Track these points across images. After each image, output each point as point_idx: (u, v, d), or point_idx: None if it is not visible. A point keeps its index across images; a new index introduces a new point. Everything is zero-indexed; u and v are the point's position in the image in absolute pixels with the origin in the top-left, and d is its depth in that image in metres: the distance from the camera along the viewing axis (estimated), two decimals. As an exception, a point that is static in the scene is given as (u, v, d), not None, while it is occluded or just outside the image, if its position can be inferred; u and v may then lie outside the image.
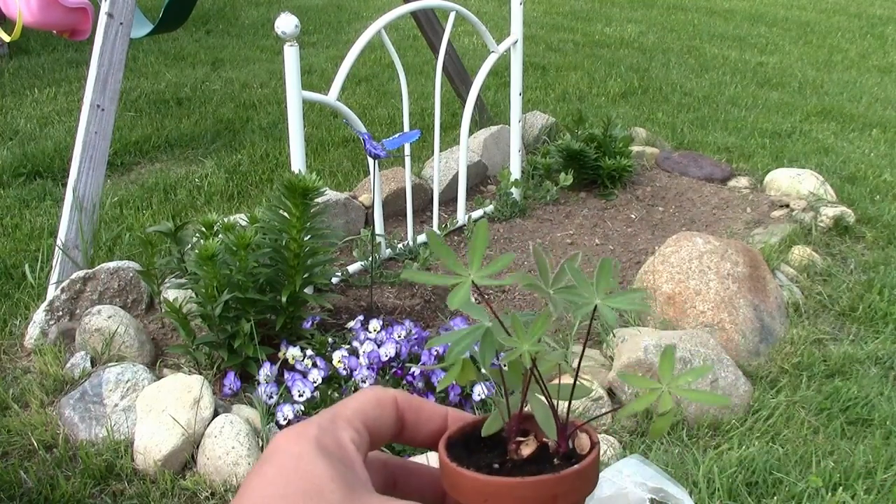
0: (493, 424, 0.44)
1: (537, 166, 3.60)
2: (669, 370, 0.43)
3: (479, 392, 2.13)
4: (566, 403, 0.44)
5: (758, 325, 2.50)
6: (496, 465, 0.42)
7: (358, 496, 0.37)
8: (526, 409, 0.44)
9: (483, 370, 0.44)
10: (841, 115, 4.80)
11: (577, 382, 0.45)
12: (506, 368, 0.45)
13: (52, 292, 2.52)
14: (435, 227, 3.09)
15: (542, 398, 0.44)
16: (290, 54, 2.32)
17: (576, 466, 0.41)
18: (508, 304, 2.73)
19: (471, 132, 3.34)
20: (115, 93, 2.75)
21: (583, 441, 0.43)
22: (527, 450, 0.43)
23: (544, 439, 0.43)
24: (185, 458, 1.99)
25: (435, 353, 2.26)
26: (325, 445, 0.39)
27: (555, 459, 0.42)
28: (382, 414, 0.44)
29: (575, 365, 0.46)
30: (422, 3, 3.01)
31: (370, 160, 2.57)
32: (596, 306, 0.43)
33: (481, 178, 3.64)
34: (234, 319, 2.18)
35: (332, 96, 2.50)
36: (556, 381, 0.44)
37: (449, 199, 3.29)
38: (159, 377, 2.18)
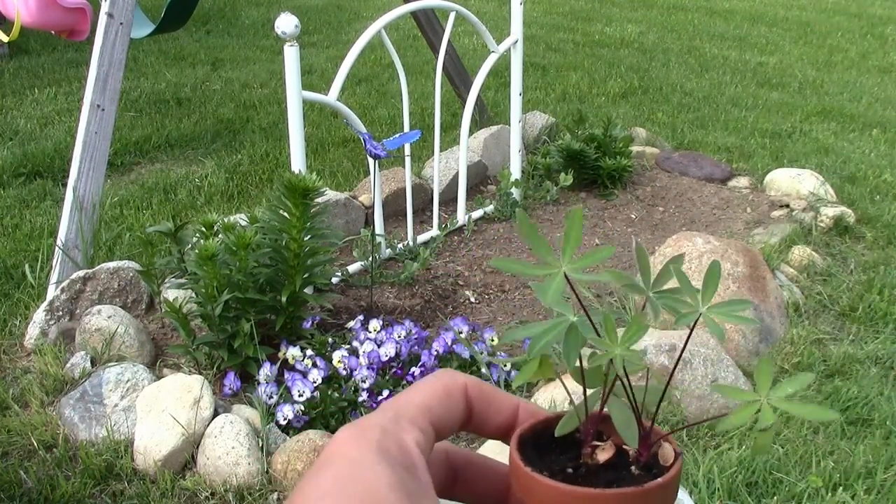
0: (567, 424, 0.41)
1: (537, 166, 3.60)
2: (767, 381, 0.40)
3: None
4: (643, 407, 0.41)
5: (757, 325, 2.50)
6: (569, 470, 0.40)
7: None
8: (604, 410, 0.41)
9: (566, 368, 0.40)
10: (841, 115, 4.80)
11: (668, 387, 0.41)
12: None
13: (52, 292, 2.52)
14: (435, 228, 3.09)
15: (624, 401, 0.40)
16: (290, 54, 2.32)
17: (660, 480, 0.38)
18: (508, 304, 2.73)
19: (471, 132, 3.34)
20: (115, 93, 2.75)
21: (665, 451, 0.40)
22: (603, 455, 0.40)
23: (622, 444, 0.40)
24: (185, 458, 1.98)
25: (435, 353, 2.26)
26: (386, 449, 0.37)
27: (633, 468, 0.40)
28: (450, 406, 0.41)
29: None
30: (422, 3, 3.01)
31: (370, 160, 2.57)
32: (700, 315, 0.39)
33: (481, 178, 3.64)
34: (234, 319, 2.18)
35: (332, 96, 2.50)
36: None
37: (449, 199, 3.29)
38: (159, 377, 2.18)
